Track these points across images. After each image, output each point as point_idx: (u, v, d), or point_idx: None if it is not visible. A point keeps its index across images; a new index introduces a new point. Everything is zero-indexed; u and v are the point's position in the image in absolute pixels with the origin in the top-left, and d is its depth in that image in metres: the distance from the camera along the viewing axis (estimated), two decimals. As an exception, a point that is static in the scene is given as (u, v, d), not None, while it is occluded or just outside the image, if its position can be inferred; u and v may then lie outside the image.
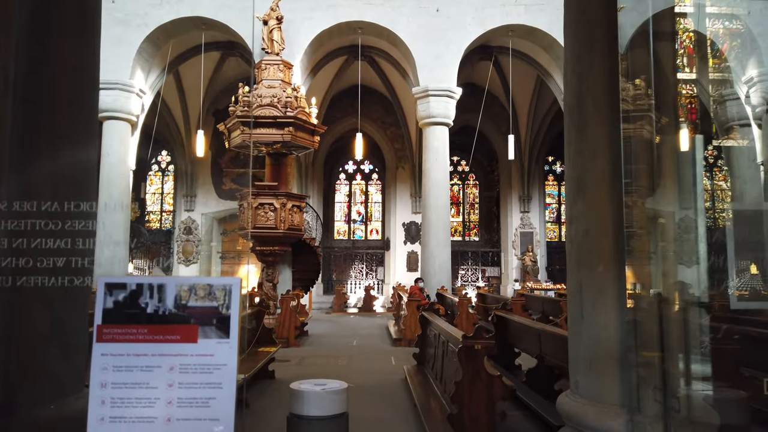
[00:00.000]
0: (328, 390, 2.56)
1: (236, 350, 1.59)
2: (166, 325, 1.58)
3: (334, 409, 2.53)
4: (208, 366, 1.59)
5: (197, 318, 1.60)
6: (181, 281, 1.60)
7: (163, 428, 1.51)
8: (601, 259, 3.42)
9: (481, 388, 4.19)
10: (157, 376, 1.54)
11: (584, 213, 3.54)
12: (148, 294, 1.58)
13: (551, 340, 5.31)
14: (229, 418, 1.57)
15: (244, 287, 14.57)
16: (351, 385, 6.62)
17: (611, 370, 3.32)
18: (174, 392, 1.55)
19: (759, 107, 14.01)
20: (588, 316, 3.45)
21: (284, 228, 11.75)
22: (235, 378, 1.60)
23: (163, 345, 1.56)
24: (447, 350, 5.29)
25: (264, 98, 11.91)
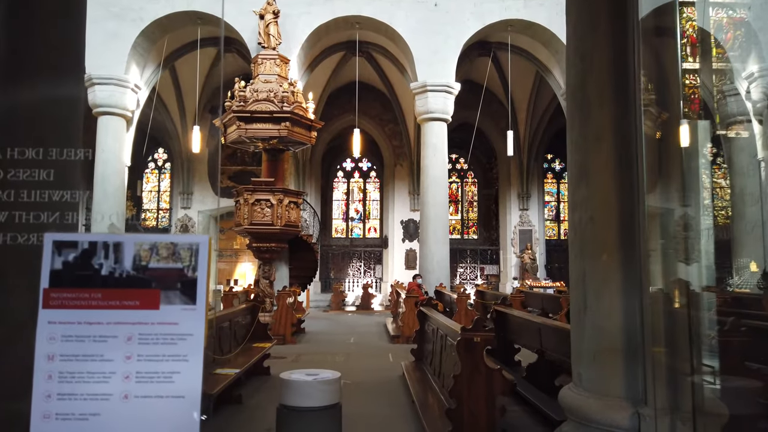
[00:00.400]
0: (319, 380, 2.43)
1: (204, 318, 1.41)
2: (124, 289, 1.40)
3: (327, 399, 2.40)
4: (171, 336, 1.41)
5: (159, 281, 1.41)
6: (141, 239, 1.43)
7: (119, 407, 1.35)
8: (605, 248, 3.29)
9: (480, 382, 4.06)
10: (113, 348, 1.37)
11: (588, 199, 3.41)
12: (102, 254, 1.39)
13: (552, 334, 5.19)
14: (195, 396, 1.40)
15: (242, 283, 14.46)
16: (348, 381, 6.50)
17: (616, 362, 3.20)
18: (132, 366, 1.38)
19: (760, 103, 13.91)
20: (591, 307, 3.33)
21: (281, 224, 11.61)
22: (202, 349, 1.44)
23: (120, 312, 1.39)
24: (445, 344, 5.17)
25: (260, 93, 11.77)
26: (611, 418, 3.10)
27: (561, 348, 5.09)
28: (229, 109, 11.74)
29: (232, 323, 6.01)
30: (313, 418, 2.35)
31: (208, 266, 1.39)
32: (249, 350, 6.13)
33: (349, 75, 17.53)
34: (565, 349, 5.02)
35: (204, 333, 1.41)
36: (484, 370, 4.07)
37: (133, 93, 13.51)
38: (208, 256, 1.40)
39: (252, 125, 11.64)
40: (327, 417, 2.39)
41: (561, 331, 4.95)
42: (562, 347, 5.06)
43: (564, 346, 5.02)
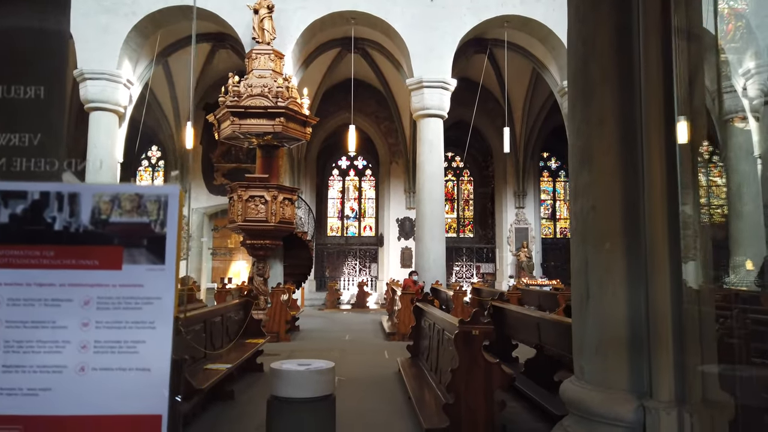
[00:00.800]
0: (312, 369, 2.31)
1: (174, 280, 1.24)
2: (80, 247, 1.22)
3: (320, 390, 2.27)
4: (135, 300, 1.24)
5: (122, 237, 1.24)
6: (101, 189, 1.24)
7: (74, 380, 1.18)
8: (608, 236, 3.19)
9: (478, 376, 3.95)
10: (68, 313, 1.20)
11: (590, 186, 3.30)
12: (56, 206, 1.20)
13: (551, 329, 5.09)
14: (163, 369, 1.25)
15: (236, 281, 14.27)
16: (342, 378, 6.37)
17: (619, 354, 3.09)
18: (90, 334, 1.20)
19: (756, 99, 13.87)
20: (594, 297, 3.22)
21: (275, 221, 11.48)
22: (172, 316, 1.27)
23: (76, 272, 1.21)
24: (443, 339, 5.06)
25: (254, 88, 11.64)
26: (615, 411, 2.99)
27: (560, 342, 5.00)
28: (222, 104, 11.61)
29: (224, 318, 5.88)
30: (305, 409, 2.22)
31: (179, 221, 1.23)
32: (241, 346, 6.00)
33: (345, 72, 17.40)
34: (564, 344, 4.92)
35: (174, 297, 1.25)
36: (483, 363, 3.96)
37: (126, 88, 13.34)
38: (179, 210, 1.24)
39: (246, 121, 11.51)
40: (320, 408, 2.26)
41: (560, 325, 4.85)
42: (562, 342, 4.96)
43: (563, 340, 4.92)
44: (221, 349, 5.47)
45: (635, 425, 2.95)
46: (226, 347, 5.64)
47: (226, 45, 16.12)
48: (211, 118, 12.16)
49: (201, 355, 4.98)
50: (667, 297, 2.91)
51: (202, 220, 19.30)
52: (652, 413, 2.85)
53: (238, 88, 11.59)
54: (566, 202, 23.06)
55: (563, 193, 23.16)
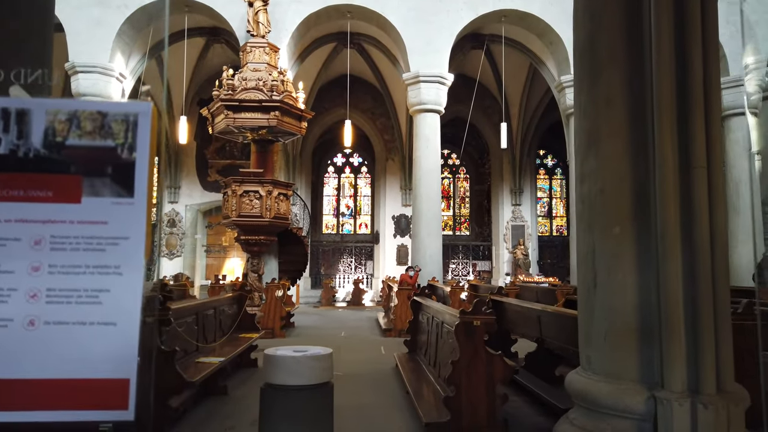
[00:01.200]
0: (309, 356, 2.17)
1: (146, 216, 1.03)
2: (30, 174, 1.01)
3: (316, 377, 2.13)
4: (98, 240, 1.02)
5: (81, 164, 1.02)
6: (56, 105, 1.02)
7: (22, 336, 0.97)
8: (617, 220, 3.06)
9: (480, 369, 3.82)
10: (14, 255, 0.98)
11: (598, 169, 3.17)
12: (0, 125, 1.00)
13: (553, 321, 4.96)
14: (131, 324, 1.03)
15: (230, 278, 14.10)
16: (339, 373, 6.22)
17: (629, 343, 2.96)
18: (41, 280, 0.99)
19: (754, 95, 13.82)
20: (602, 284, 3.09)
21: (270, 216, 11.32)
22: (143, 260, 1.05)
23: (25, 205, 1.00)
24: (442, 332, 4.92)
25: (249, 81, 11.48)
26: (624, 403, 2.87)
27: (562, 335, 4.87)
28: (216, 97, 11.44)
29: (217, 312, 5.71)
30: (301, 397, 2.08)
31: (151, 145, 1.04)
32: (235, 340, 5.84)
33: (340, 68, 17.26)
34: (566, 337, 4.80)
35: (146, 236, 1.06)
36: (484, 355, 3.83)
37: (118, 82, 13.14)
38: (152, 132, 1.05)
39: (240, 114, 11.35)
40: (317, 396, 2.12)
41: (563, 318, 4.72)
42: (564, 334, 4.84)
43: (565, 333, 4.79)
44: (214, 343, 5.32)
45: (646, 417, 2.82)
46: (219, 341, 5.49)
47: (220, 39, 15.96)
48: (204, 112, 11.99)
49: (193, 348, 4.82)
50: (680, 283, 2.78)
51: (196, 217, 19.10)
52: (663, 404, 2.72)
53: (232, 81, 11.42)
54: (563, 200, 22.99)
55: (560, 190, 23.09)
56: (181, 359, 4.41)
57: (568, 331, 4.76)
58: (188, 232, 18.84)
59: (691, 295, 2.77)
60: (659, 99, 2.87)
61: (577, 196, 3.42)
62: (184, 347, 4.59)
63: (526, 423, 4.38)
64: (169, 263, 18.63)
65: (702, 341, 2.72)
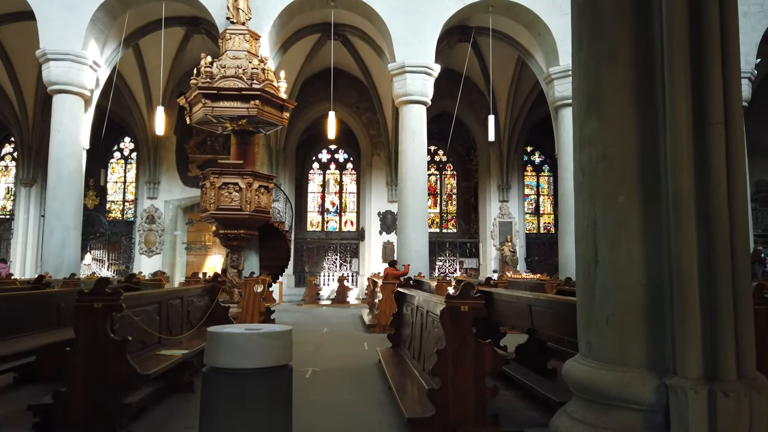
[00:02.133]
0: (262, 333, 1.79)
1: None
2: None
3: (271, 359, 1.75)
4: None
5: None
6: None
7: None
8: (622, 187, 2.72)
9: (468, 358, 3.46)
10: None
11: (599, 133, 2.83)
12: None
13: (546, 310, 4.63)
14: None
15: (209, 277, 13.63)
16: (318, 369, 5.84)
17: (635, 324, 2.63)
18: None
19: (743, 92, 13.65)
20: (605, 260, 2.75)
21: (250, 210, 10.91)
22: None
23: None
24: (426, 322, 4.57)
25: (228, 69, 11.07)
26: (631, 392, 2.53)
27: (556, 325, 4.55)
28: (194, 86, 11.00)
29: (185, 302, 5.28)
30: (252, 383, 1.70)
31: None
32: (204, 334, 5.41)
33: (324, 61, 16.85)
34: (560, 326, 4.47)
35: None
36: (473, 343, 3.48)
37: (92, 71, 12.61)
38: None
39: (219, 103, 10.92)
40: (271, 382, 1.75)
41: (556, 305, 4.39)
42: (558, 324, 4.51)
43: (559, 322, 4.47)
44: (180, 336, 4.90)
45: (656, 407, 2.48)
46: (187, 333, 5.07)
47: (200, 29, 15.49)
48: (182, 101, 11.53)
49: (155, 340, 4.41)
50: (694, 255, 2.45)
51: (176, 213, 18.57)
52: (677, 393, 2.39)
53: (210, 69, 11.00)
54: (550, 197, 22.78)
55: (547, 187, 22.89)
56: (138, 351, 4.00)
57: (562, 320, 4.43)
58: (168, 229, 18.30)
59: (707, 268, 2.44)
60: (671, 48, 2.54)
61: (575, 165, 3.08)
62: (144, 339, 4.17)
63: (518, 417, 4.03)
64: (148, 261, 18.07)
65: (721, 321, 2.39)
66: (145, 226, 18.20)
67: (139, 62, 16.88)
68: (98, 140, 14.62)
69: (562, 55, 13.07)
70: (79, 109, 12.53)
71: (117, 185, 20.87)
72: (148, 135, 18.10)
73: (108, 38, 13.20)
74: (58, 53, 12.10)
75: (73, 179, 12.33)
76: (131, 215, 19.31)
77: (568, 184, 12.98)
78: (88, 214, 18.79)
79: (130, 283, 6.02)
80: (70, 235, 12.21)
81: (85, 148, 12.95)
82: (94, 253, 18.64)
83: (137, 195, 18.97)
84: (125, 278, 6.10)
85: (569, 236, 12.87)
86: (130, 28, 13.81)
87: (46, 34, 12.21)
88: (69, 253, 12.14)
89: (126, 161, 20.91)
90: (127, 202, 20.45)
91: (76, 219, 12.43)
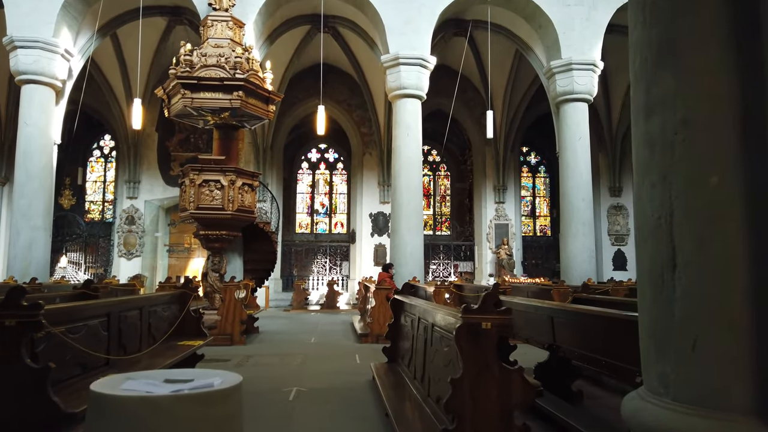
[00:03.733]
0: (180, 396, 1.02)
1: None
2: None
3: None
4: None
5: None
6: None
7: None
8: (713, 165, 1.99)
9: (491, 390, 2.72)
10: None
11: (677, 93, 2.11)
12: None
13: (572, 323, 3.90)
14: None
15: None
16: (303, 389, 5.07)
17: (738, 351, 1.90)
18: None
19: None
20: (689, 263, 2.02)
21: (233, 209, 10.10)
22: None
23: None
24: (432, 338, 3.82)
25: (209, 58, 10.24)
26: (736, 449, 1.81)
27: (585, 341, 3.82)
28: (173, 76, 10.18)
29: (146, 313, 4.47)
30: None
31: None
32: (170, 349, 4.62)
33: (314, 55, 16.09)
34: (590, 342, 3.74)
35: None
36: (498, 370, 2.73)
37: (64, 60, 11.76)
38: None
39: (199, 94, 10.09)
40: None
41: (587, 318, 3.66)
42: (587, 340, 3.78)
43: (590, 338, 3.74)
44: (138, 354, 4.10)
45: (773, 473, 1.78)
46: (146, 350, 4.27)
47: (183, 20, 14.69)
48: (159, 92, 10.70)
49: (100, 362, 3.60)
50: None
51: (157, 214, 17.69)
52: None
53: (190, 57, 10.17)
54: (546, 199, 22.15)
55: (543, 189, 22.26)
56: (75, 379, 3.21)
57: (593, 336, 3.70)
58: (148, 231, 17.41)
59: None
60: None
61: (637, 139, 2.34)
62: (84, 361, 3.38)
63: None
64: (128, 264, 17.16)
65: None
66: (124, 228, 17.29)
67: (119, 55, 16.03)
68: (71, 135, 13.74)
69: (564, 47, 12.42)
70: (50, 101, 11.67)
71: (97, 185, 19.93)
72: (127, 131, 17.22)
73: (82, 26, 12.36)
74: (27, 40, 11.25)
75: (43, 176, 11.47)
76: (110, 216, 18.37)
77: (570, 183, 12.30)
78: (64, 214, 17.88)
79: (87, 290, 5.23)
80: (38, 236, 11.34)
81: (57, 143, 12.09)
82: (71, 255, 17.69)
83: (116, 195, 18.06)
84: (82, 284, 5.30)
85: (572, 238, 12.19)
86: (106, 16, 12.99)
87: (14, 21, 11.36)
88: (37, 256, 11.26)
89: (106, 159, 19.99)
90: (106, 203, 19.52)
91: (45, 219, 11.56)
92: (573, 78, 12.29)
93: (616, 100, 18.43)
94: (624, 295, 8.74)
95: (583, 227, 12.16)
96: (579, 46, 12.41)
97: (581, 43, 12.43)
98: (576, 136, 12.36)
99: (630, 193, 19.55)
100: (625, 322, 3.02)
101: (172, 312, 5.13)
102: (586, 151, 12.38)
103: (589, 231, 12.21)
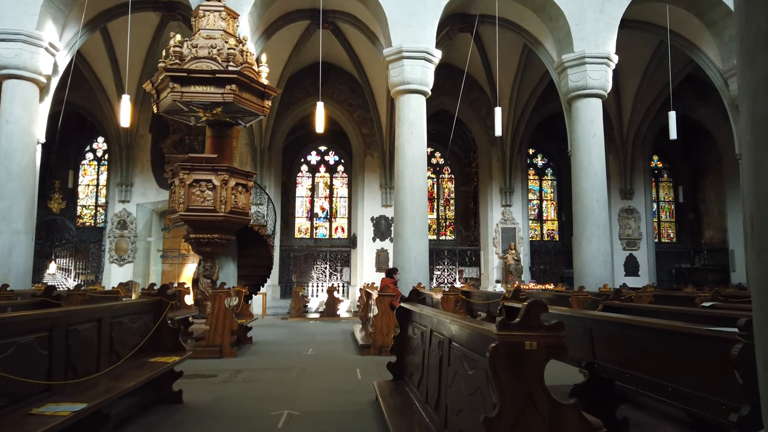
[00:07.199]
0: None
1: None
2: None
3: None
4: None
5: None
6: None
7: None
8: None
9: (537, 428, 2.02)
10: None
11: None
12: None
13: (616, 337, 3.20)
14: None
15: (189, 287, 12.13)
16: (296, 413, 4.37)
17: None
18: None
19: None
20: None
21: (225, 211, 9.43)
22: None
23: None
24: (450, 356, 3.13)
25: (201, 49, 9.60)
26: None
27: (639, 360, 3.13)
28: (162, 69, 9.53)
29: (106, 326, 3.73)
30: None
31: None
32: (139, 368, 3.91)
33: (313, 53, 15.46)
34: (647, 363, 3.06)
35: None
36: (546, 405, 2.04)
37: (49, 54, 11.13)
38: None
39: (189, 88, 9.44)
40: None
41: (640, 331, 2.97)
42: (641, 359, 3.09)
43: (646, 357, 3.05)
44: (95, 375, 3.38)
45: None
46: (105, 370, 3.56)
47: (176, 15, 14.07)
48: (148, 87, 10.05)
49: (37, 389, 2.87)
50: None
51: (150, 218, 17.01)
52: None
53: (180, 49, 9.53)
54: (554, 202, 21.47)
55: (550, 192, 21.57)
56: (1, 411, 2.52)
57: (651, 355, 3.01)
58: (141, 235, 16.73)
59: None
60: None
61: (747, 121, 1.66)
62: (12, 390, 2.66)
63: None
64: (119, 270, 16.47)
65: None
66: (116, 232, 16.61)
67: (110, 52, 15.42)
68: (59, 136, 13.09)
69: (576, 41, 11.77)
70: (33, 97, 11.03)
71: (89, 188, 19.29)
72: (120, 133, 16.58)
73: (68, 19, 11.73)
74: (8, 32, 10.63)
75: (25, 176, 10.81)
76: (103, 221, 17.70)
77: (583, 183, 11.61)
78: (54, 219, 17.23)
79: (48, 297, 4.54)
80: (20, 241, 10.67)
81: (41, 141, 11.43)
82: (61, 261, 17.01)
83: (108, 198, 17.40)
84: (43, 290, 4.62)
85: (586, 242, 11.49)
86: (95, 9, 12.38)
87: (-4, 12, 10.74)
88: (18, 261, 10.59)
89: (99, 163, 19.36)
90: (99, 207, 18.87)
91: (27, 222, 10.89)
92: (586, 72, 11.63)
93: (626, 100, 17.78)
94: (649, 302, 8.04)
95: (598, 230, 11.46)
96: (592, 38, 11.76)
97: (594, 35, 11.78)
98: (590, 134, 11.68)
99: (641, 196, 18.84)
100: (707, 339, 2.32)
101: (144, 323, 4.43)
102: (600, 149, 11.70)
103: (604, 233, 11.51)
